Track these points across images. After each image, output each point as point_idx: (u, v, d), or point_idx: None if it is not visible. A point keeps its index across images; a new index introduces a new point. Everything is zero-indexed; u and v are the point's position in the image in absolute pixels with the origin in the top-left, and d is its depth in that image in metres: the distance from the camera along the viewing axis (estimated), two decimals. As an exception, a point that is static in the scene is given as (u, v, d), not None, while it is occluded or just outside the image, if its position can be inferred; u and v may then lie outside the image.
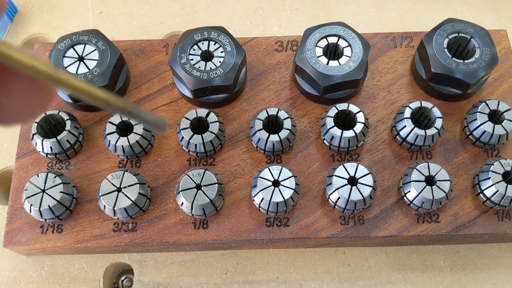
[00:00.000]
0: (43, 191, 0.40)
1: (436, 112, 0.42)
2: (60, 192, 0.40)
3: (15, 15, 0.56)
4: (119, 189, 0.40)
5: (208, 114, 0.42)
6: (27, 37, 0.55)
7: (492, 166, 0.40)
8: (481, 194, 0.41)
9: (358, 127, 0.41)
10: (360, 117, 0.42)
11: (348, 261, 0.45)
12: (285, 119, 0.42)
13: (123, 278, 0.47)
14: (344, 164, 0.40)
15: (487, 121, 0.42)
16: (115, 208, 0.39)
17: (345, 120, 0.43)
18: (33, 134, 0.42)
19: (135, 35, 0.55)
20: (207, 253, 0.45)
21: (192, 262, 0.45)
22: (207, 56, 0.44)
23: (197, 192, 0.40)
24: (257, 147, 0.43)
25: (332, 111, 0.42)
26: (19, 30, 0.55)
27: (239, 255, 0.45)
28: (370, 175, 0.40)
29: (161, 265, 0.45)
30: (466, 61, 0.42)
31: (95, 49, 0.44)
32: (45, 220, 0.40)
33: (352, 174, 0.40)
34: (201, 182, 0.40)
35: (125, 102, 0.19)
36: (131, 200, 0.39)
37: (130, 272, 0.46)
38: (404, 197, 0.41)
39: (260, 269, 0.44)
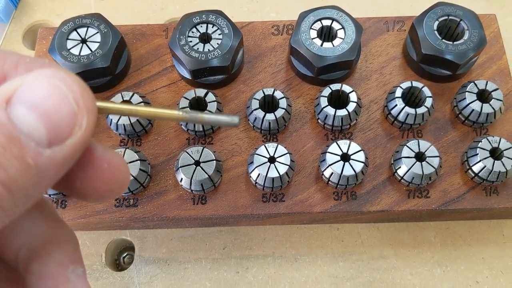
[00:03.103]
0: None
1: (426, 91, 0.43)
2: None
3: (19, 2, 0.58)
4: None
5: (206, 94, 0.44)
6: (30, 24, 0.57)
7: (480, 143, 0.42)
8: (469, 171, 0.42)
9: (351, 106, 0.43)
10: (353, 96, 0.43)
11: (342, 237, 0.46)
12: (280, 98, 0.43)
13: (124, 255, 0.48)
14: (337, 142, 0.42)
15: (475, 100, 0.43)
16: (116, 183, 0.41)
17: (338, 100, 0.45)
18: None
19: (135, 21, 0.56)
20: (205, 230, 0.47)
21: (191, 238, 0.46)
22: (205, 38, 0.45)
23: (195, 168, 0.41)
24: (253, 126, 0.44)
25: (326, 91, 0.44)
26: (23, 16, 0.57)
27: (237, 231, 0.47)
28: (362, 151, 0.41)
29: (161, 241, 0.46)
30: (455, 43, 0.44)
31: (97, 32, 0.45)
32: (49, 195, 0.42)
33: (345, 150, 0.41)
34: (199, 158, 0.42)
35: (196, 114, 0.22)
36: (132, 176, 0.41)
37: (131, 249, 0.47)
38: (395, 173, 0.42)
39: (257, 245, 0.46)
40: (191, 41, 0.45)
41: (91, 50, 0.44)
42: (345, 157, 0.41)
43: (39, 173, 0.18)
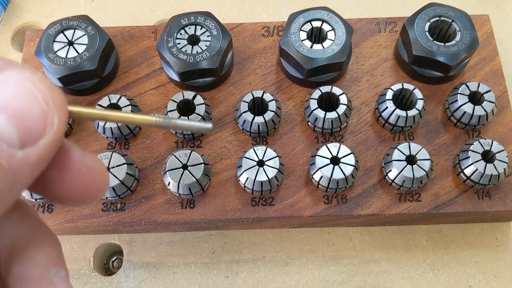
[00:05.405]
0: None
1: (418, 93, 0.43)
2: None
3: (8, 4, 0.57)
4: (107, 169, 0.41)
5: (194, 97, 0.43)
6: (20, 25, 0.56)
7: (472, 145, 0.41)
8: (461, 174, 0.42)
9: (341, 109, 0.42)
10: (343, 99, 0.43)
11: (333, 241, 0.46)
12: (270, 101, 0.43)
13: (113, 259, 0.48)
14: (327, 145, 0.41)
15: (467, 102, 0.43)
16: (103, 188, 0.40)
17: (329, 103, 0.44)
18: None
19: (125, 23, 0.56)
20: (195, 234, 0.46)
21: (180, 242, 0.46)
22: (193, 40, 0.45)
23: (183, 172, 0.41)
24: (243, 129, 0.44)
25: (316, 93, 0.43)
26: (12, 18, 0.56)
27: (226, 235, 0.46)
28: (352, 154, 0.41)
29: (150, 245, 0.46)
30: (447, 44, 0.43)
31: (85, 34, 0.45)
32: (36, 200, 0.41)
33: (334, 154, 0.41)
34: (187, 162, 0.41)
35: (169, 120, 0.22)
36: (119, 180, 0.40)
37: (121, 253, 0.47)
38: (386, 177, 0.42)
39: (246, 249, 0.45)
40: (179, 43, 0.44)
41: (78, 53, 0.44)
42: (335, 160, 0.41)
43: (14, 174, 0.18)
